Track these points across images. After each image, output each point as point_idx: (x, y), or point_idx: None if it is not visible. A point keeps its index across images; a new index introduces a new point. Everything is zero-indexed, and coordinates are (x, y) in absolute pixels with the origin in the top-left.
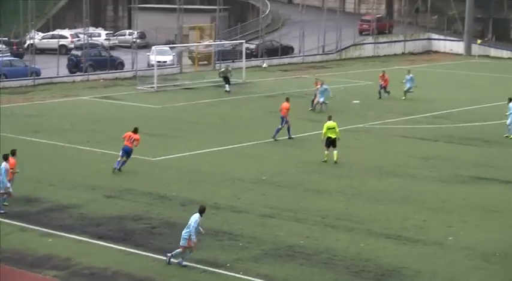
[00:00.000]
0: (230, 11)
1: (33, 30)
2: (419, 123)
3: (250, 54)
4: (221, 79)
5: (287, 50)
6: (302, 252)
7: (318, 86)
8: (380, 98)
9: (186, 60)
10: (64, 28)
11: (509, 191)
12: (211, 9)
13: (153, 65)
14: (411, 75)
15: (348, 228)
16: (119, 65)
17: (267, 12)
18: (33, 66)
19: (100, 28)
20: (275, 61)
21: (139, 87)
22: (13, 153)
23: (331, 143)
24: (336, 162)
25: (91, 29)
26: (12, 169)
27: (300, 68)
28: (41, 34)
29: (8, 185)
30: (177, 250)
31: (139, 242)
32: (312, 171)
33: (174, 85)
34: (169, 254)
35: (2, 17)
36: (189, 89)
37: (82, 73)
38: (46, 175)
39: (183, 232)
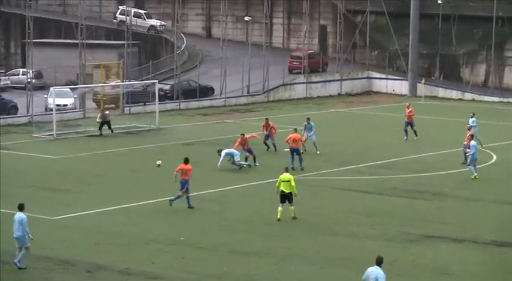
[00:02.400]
0: (140, 46)
1: None
2: (360, 174)
3: (164, 96)
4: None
5: (206, 91)
6: None
7: (305, 123)
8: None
9: (90, 104)
10: None
11: (462, 251)
12: (119, 45)
13: (51, 109)
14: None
15: None
16: (11, 109)
17: (183, 47)
18: None
19: None
20: (193, 104)
21: (35, 135)
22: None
23: (285, 198)
24: (294, 218)
25: None
26: None
27: (222, 112)
28: None
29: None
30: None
31: None
32: (237, 230)
33: (77, 132)
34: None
35: None
36: (93, 136)
37: None
38: None
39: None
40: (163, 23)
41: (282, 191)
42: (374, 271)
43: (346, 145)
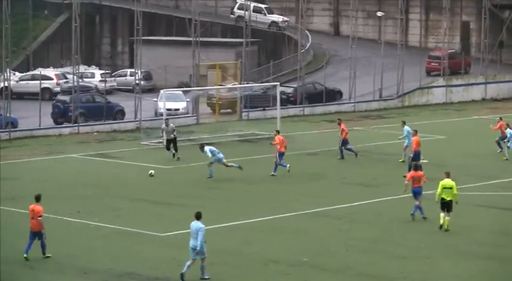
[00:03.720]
0: (260, 44)
1: (8, 70)
2: (506, 189)
3: (287, 100)
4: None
5: (333, 95)
6: None
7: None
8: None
9: (204, 108)
10: (48, 66)
11: None
12: (236, 43)
13: (161, 114)
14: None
15: None
16: (117, 113)
17: (308, 46)
18: (8, 115)
19: (93, 67)
20: (318, 109)
21: (143, 142)
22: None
23: (445, 206)
24: (446, 230)
25: (82, 68)
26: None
27: (351, 118)
28: (18, 74)
29: None
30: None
31: None
32: (366, 250)
33: (189, 140)
34: None
35: None
36: (207, 144)
37: (70, 124)
38: (23, 254)
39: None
40: (285, 18)
41: (443, 198)
42: (194, 224)
43: (490, 157)
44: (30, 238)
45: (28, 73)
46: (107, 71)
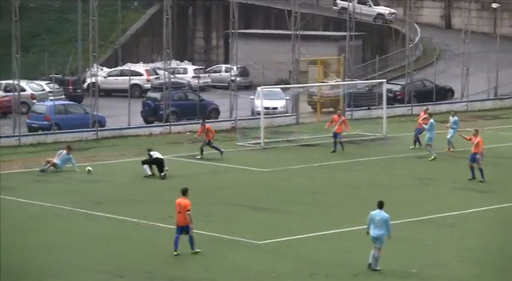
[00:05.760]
0: (365, 38)
1: (95, 65)
2: None
3: (393, 99)
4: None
5: (444, 93)
6: None
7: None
8: None
9: (305, 107)
10: (137, 62)
11: None
12: (339, 37)
13: (258, 113)
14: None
15: None
16: (211, 112)
17: (417, 40)
18: (95, 113)
19: (186, 62)
20: (428, 108)
21: (240, 143)
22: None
23: None
24: None
25: (174, 63)
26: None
27: (464, 118)
28: (106, 70)
29: None
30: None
31: None
32: (478, 262)
33: (288, 140)
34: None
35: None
36: (308, 146)
37: (162, 123)
38: (115, 263)
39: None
40: (393, 10)
41: None
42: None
43: None
44: (177, 233)
45: (116, 69)
46: (200, 67)
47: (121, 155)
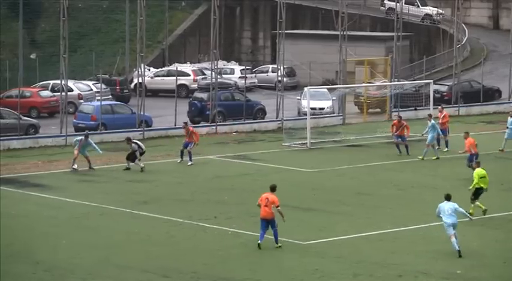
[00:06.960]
0: (412, 39)
1: (142, 65)
2: None
3: (440, 99)
4: None
5: (492, 94)
6: None
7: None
8: None
9: (351, 107)
10: (184, 62)
11: None
12: (386, 37)
13: (305, 114)
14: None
15: None
16: (258, 112)
17: (464, 41)
18: (142, 113)
19: (233, 62)
20: (475, 109)
21: (286, 144)
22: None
23: (480, 194)
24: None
25: (221, 64)
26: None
27: None
28: (153, 70)
29: None
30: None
31: None
32: None
33: (335, 141)
34: None
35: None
36: (355, 146)
37: (208, 123)
38: (159, 263)
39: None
40: (440, 11)
41: (481, 187)
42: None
43: None
44: (262, 227)
45: (163, 69)
46: (247, 67)
47: (167, 155)
